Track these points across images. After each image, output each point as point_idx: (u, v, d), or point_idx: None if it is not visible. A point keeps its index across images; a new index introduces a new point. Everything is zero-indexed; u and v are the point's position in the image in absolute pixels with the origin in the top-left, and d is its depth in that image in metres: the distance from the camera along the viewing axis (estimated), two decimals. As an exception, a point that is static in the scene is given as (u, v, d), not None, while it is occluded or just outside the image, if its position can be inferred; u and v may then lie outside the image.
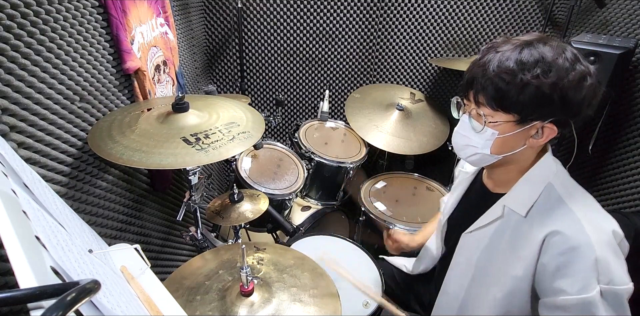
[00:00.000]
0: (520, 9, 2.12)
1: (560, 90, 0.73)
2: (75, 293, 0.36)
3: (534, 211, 0.83)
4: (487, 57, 0.79)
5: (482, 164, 0.91)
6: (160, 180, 1.45)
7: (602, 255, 0.73)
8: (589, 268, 0.73)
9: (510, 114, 0.78)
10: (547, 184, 0.83)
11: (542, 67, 0.73)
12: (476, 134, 0.84)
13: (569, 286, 0.74)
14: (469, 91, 0.83)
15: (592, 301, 0.72)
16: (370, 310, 1.18)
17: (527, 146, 0.82)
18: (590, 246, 0.73)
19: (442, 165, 2.39)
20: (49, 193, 0.63)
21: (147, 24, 1.32)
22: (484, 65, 0.78)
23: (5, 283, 0.65)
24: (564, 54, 0.74)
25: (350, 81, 2.42)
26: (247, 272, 0.89)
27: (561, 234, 0.77)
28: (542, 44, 0.76)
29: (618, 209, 1.58)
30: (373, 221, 1.71)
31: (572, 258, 0.75)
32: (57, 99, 0.89)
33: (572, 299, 0.74)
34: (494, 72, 0.76)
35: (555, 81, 0.73)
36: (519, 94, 0.75)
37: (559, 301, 0.76)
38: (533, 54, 0.74)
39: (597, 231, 0.76)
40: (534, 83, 0.73)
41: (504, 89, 0.75)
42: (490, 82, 0.76)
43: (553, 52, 0.74)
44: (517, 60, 0.74)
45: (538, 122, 0.78)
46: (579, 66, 0.74)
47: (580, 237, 0.75)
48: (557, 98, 0.74)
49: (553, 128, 0.79)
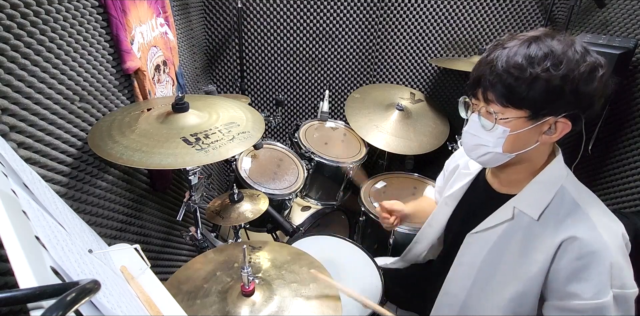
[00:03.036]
0: (520, 9, 2.12)
1: (571, 82, 0.72)
2: (75, 293, 0.36)
3: (547, 215, 0.82)
4: (494, 54, 0.78)
5: (494, 164, 0.88)
6: (160, 180, 1.45)
7: (617, 260, 0.73)
8: (604, 273, 0.73)
9: (522, 109, 0.77)
10: (559, 187, 0.82)
11: (552, 60, 0.72)
12: (487, 133, 0.82)
13: (584, 291, 0.75)
14: (477, 89, 0.82)
15: (606, 306, 0.73)
16: (370, 310, 1.18)
17: (539, 143, 0.81)
18: (607, 251, 0.74)
19: (442, 165, 2.39)
20: (49, 193, 0.63)
21: (147, 24, 1.32)
22: (491, 62, 0.77)
23: (5, 283, 0.65)
24: (573, 47, 0.74)
25: (350, 81, 2.42)
26: (248, 272, 0.89)
27: (579, 240, 0.76)
28: (549, 38, 0.75)
29: (618, 209, 1.58)
30: (373, 221, 1.71)
31: (589, 262, 0.75)
32: (57, 99, 0.89)
33: (587, 304, 0.74)
34: (503, 68, 0.75)
35: (566, 73, 0.72)
36: (529, 89, 0.73)
37: (572, 305, 0.76)
38: (542, 48, 0.73)
39: (612, 236, 0.76)
40: (544, 77, 0.72)
41: (513, 84, 0.74)
42: (499, 78, 0.75)
43: (562, 45, 0.73)
44: (525, 55, 0.74)
45: (551, 117, 0.77)
46: (589, 57, 0.74)
47: (598, 243, 0.75)
48: (568, 91, 0.73)
49: (567, 123, 0.77)
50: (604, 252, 0.73)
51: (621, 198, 1.57)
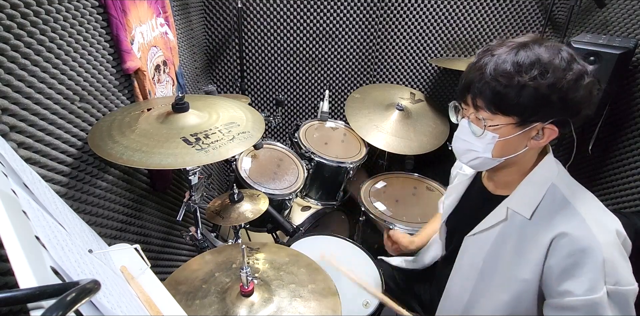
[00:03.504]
0: (520, 9, 2.12)
1: (558, 90, 0.73)
2: (75, 293, 0.36)
3: (539, 213, 0.83)
4: (483, 60, 0.79)
5: (484, 167, 0.91)
6: (160, 180, 1.45)
7: (609, 256, 0.73)
8: (596, 270, 0.73)
9: (510, 116, 0.78)
10: (550, 185, 0.83)
11: (539, 68, 0.73)
12: (477, 139, 0.83)
13: (576, 288, 0.74)
14: (466, 95, 0.83)
15: (599, 302, 0.73)
16: (370, 310, 1.18)
17: (528, 147, 0.82)
18: (598, 247, 0.73)
19: (442, 165, 2.38)
20: (49, 193, 0.63)
21: (147, 24, 1.32)
22: (480, 68, 0.78)
23: (5, 283, 0.65)
24: (560, 54, 0.74)
25: (350, 81, 2.42)
26: (247, 272, 0.89)
27: (568, 236, 0.76)
28: (537, 45, 0.76)
29: (618, 209, 1.58)
30: (373, 221, 1.71)
31: (580, 259, 0.74)
32: (57, 99, 0.89)
33: (580, 300, 0.74)
34: (491, 76, 0.76)
35: (553, 82, 0.73)
36: (517, 96, 0.74)
37: (566, 302, 0.76)
38: (529, 56, 0.74)
39: (603, 232, 0.76)
40: (532, 85, 0.73)
41: (502, 92, 0.75)
42: (488, 85, 0.76)
43: (549, 53, 0.74)
44: (513, 62, 0.74)
45: (538, 123, 0.78)
46: (575, 65, 0.74)
47: (588, 239, 0.75)
48: (555, 99, 0.74)
49: (554, 129, 0.78)
50: (595, 248, 0.73)
51: (621, 198, 1.57)
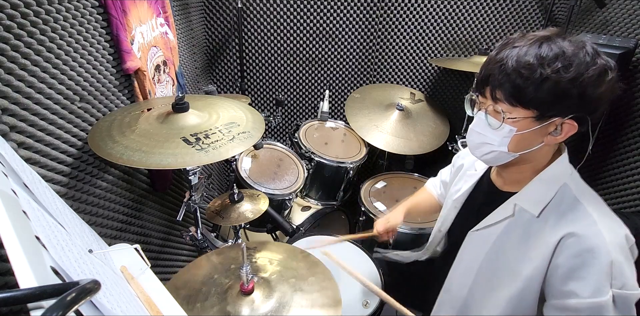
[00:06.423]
0: (520, 9, 2.12)
1: (579, 85, 0.72)
2: (75, 293, 0.36)
3: (548, 212, 0.82)
4: (503, 52, 0.77)
5: (498, 162, 0.88)
6: (160, 180, 1.45)
7: (617, 259, 0.72)
8: (603, 272, 0.72)
9: (530, 109, 0.76)
10: (562, 184, 0.82)
11: (563, 61, 0.71)
12: (493, 131, 0.82)
13: (582, 289, 0.73)
14: (485, 88, 0.81)
15: (604, 306, 0.72)
16: (370, 310, 1.18)
17: (544, 143, 0.81)
18: (607, 249, 0.72)
19: (442, 165, 2.39)
20: (49, 193, 0.63)
21: (147, 24, 1.32)
22: (501, 61, 0.76)
23: (5, 283, 0.65)
24: (584, 49, 0.73)
25: (350, 81, 2.42)
26: (247, 270, 0.89)
27: (577, 236, 0.76)
28: (561, 39, 0.74)
29: (618, 209, 1.58)
30: (373, 221, 1.71)
31: (587, 260, 0.74)
32: (57, 99, 0.89)
33: (584, 302, 0.73)
34: (513, 68, 0.74)
35: (575, 76, 0.71)
36: (537, 89, 0.73)
37: (570, 303, 0.75)
38: (553, 49, 0.73)
39: (613, 234, 0.75)
40: (554, 78, 0.72)
41: (523, 84, 0.74)
42: (508, 78, 0.75)
43: (573, 47, 0.73)
44: (536, 55, 0.73)
45: (558, 118, 0.76)
46: (599, 60, 0.73)
47: (597, 239, 0.74)
48: (575, 93, 0.72)
49: (573, 124, 0.77)
50: (603, 250, 0.72)
51: (622, 198, 1.57)
